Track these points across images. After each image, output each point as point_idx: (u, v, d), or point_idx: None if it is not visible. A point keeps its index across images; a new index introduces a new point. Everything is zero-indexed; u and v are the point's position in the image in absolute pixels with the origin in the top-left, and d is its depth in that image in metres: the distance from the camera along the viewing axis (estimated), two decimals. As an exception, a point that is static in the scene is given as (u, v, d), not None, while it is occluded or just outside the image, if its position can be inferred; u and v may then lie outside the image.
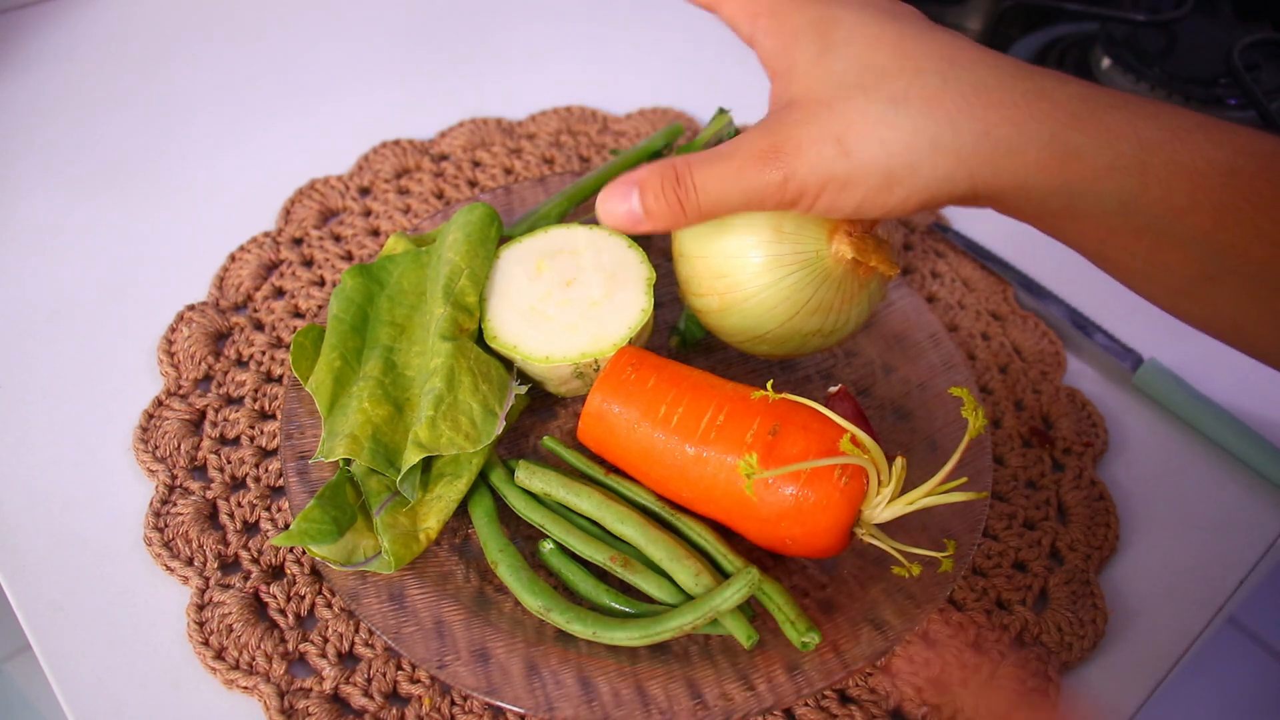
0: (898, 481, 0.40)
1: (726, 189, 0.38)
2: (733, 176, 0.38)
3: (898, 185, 0.37)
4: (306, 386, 0.46)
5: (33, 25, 0.71)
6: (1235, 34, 0.71)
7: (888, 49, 0.37)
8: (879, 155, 0.36)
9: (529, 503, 0.44)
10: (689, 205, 0.39)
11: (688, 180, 0.39)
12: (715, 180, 0.38)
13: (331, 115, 0.67)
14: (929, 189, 0.37)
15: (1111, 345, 0.56)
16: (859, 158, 0.36)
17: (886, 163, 0.36)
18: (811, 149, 0.37)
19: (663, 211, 0.40)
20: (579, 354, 0.46)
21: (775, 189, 0.38)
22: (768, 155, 0.37)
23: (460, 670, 0.39)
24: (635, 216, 0.40)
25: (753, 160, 0.38)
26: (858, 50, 0.37)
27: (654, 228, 0.40)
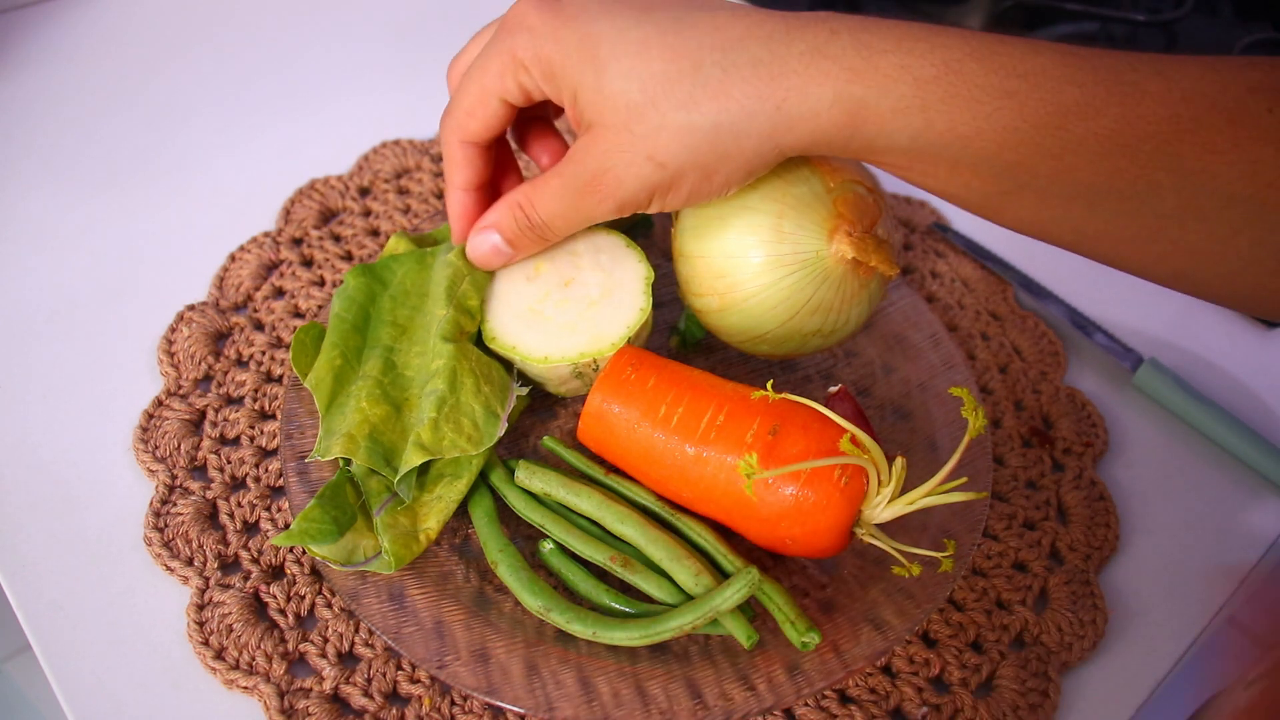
0: (898, 481, 0.40)
1: (569, 217, 0.43)
2: (570, 208, 0.42)
3: (715, 174, 0.40)
4: (306, 383, 0.46)
5: (33, 25, 0.71)
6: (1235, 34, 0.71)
7: (657, 52, 0.38)
8: (690, 158, 0.39)
9: (529, 503, 0.44)
10: (544, 231, 0.44)
11: (533, 213, 0.44)
12: (557, 213, 0.43)
13: (331, 115, 0.67)
14: (745, 166, 0.39)
15: (1111, 345, 0.56)
16: (674, 166, 0.39)
17: (699, 160, 0.39)
18: (629, 174, 0.40)
19: (522, 240, 0.45)
20: (578, 354, 0.46)
21: (613, 213, 0.42)
22: (592, 187, 0.41)
23: (460, 670, 0.39)
24: (502, 252, 0.46)
25: (582, 193, 0.41)
26: (629, 63, 0.38)
27: (521, 254, 0.47)
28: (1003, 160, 0.36)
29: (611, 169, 0.40)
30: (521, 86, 0.41)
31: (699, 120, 0.38)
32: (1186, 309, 0.60)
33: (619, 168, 0.40)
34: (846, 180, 0.45)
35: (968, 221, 0.63)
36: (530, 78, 0.41)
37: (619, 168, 0.40)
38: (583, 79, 0.39)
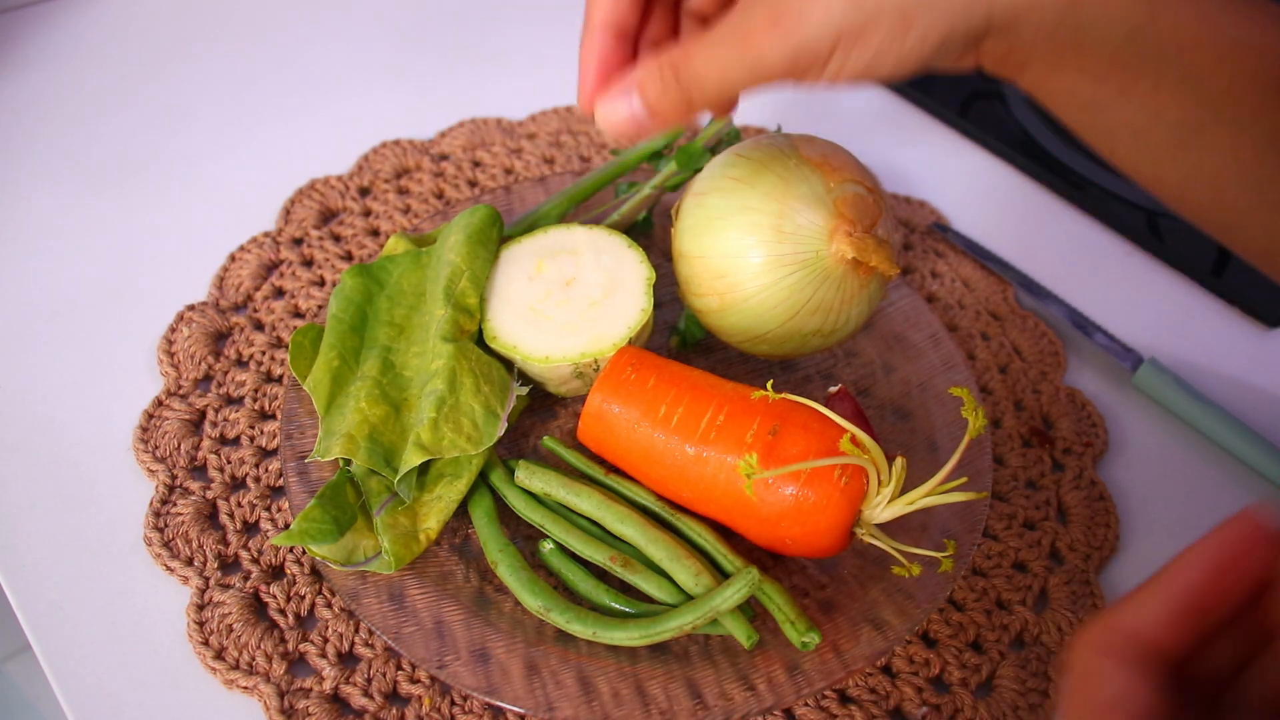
0: (898, 481, 0.40)
1: (730, 71, 0.35)
2: (735, 57, 0.35)
3: (915, 22, 0.33)
4: (304, 385, 0.46)
5: (33, 25, 0.71)
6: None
7: None
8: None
9: (529, 503, 0.44)
10: (695, 94, 0.36)
11: (687, 70, 0.36)
12: (717, 65, 0.35)
13: (331, 115, 0.67)
14: (947, 21, 0.34)
15: (1111, 345, 0.56)
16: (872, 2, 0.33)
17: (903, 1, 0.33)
18: (818, 8, 0.33)
19: (667, 106, 0.37)
20: (579, 354, 0.46)
21: (785, 62, 0.34)
22: (769, 28, 0.34)
23: (460, 670, 0.39)
24: (638, 118, 0.38)
25: (754, 36, 0.34)
26: None
27: (660, 126, 0.38)
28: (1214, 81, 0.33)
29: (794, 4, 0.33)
30: None
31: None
32: (1186, 309, 0.60)
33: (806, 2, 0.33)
34: (846, 180, 0.45)
35: (968, 222, 0.63)
36: None
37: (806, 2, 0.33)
38: None
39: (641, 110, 0.37)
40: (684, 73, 0.36)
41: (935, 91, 0.73)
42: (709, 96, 0.36)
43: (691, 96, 0.36)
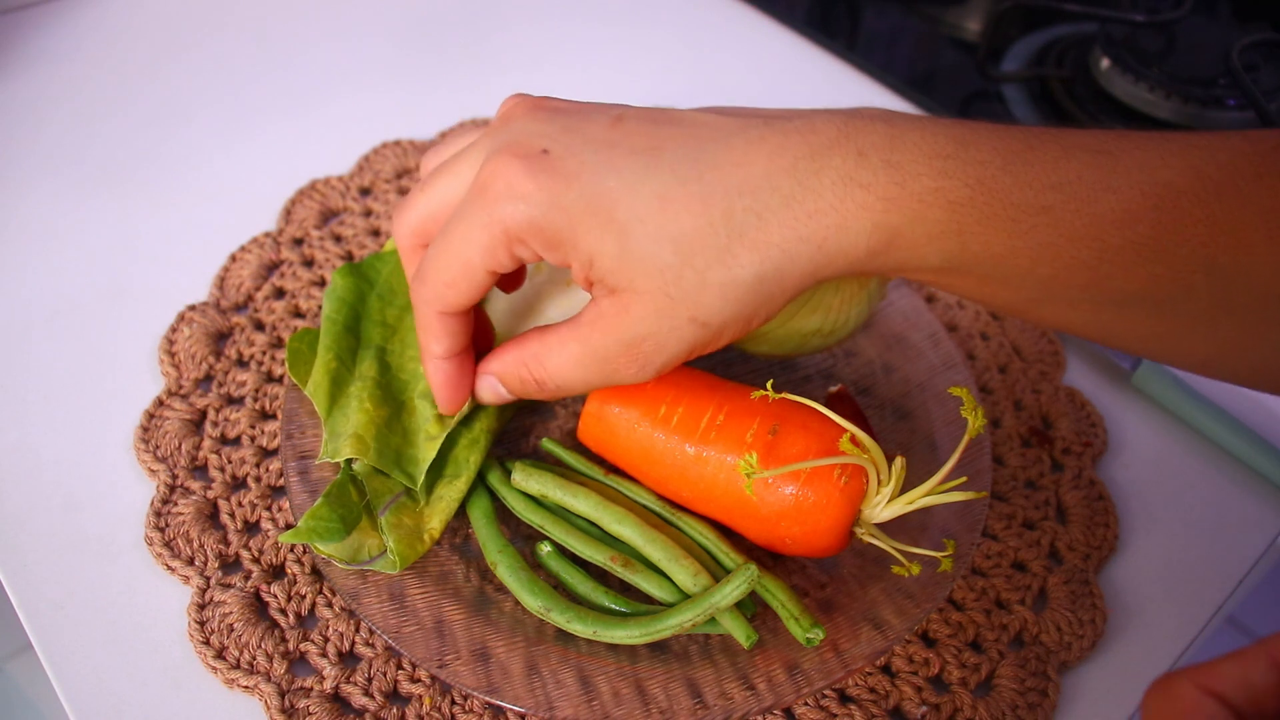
0: (897, 481, 0.40)
1: (586, 381, 0.39)
2: (594, 375, 0.38)
3: (756, 317, 0.37)
4: (305, 390, 0.46)
5: (33, 25, 0.71)
6: (1234, 34, 0.71)
7: (682, 205, 0.35)
8: (733, 310, 0.36)
9: (528, 504, 0.44)
10: (552, 389, 0.40)
11: (547, 381, 0.40)
12: (576, 380, 0.39)
13: (331, 115, 0.67)
14: (784, 303, 0.37)
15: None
16: (718, 321, 0.36)
17: (742, 311, 0.36)
18: (671, 339, 0.36)
19: (527, 393, 0.41)
20: (579, 354, 0.46)
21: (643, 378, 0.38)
22: (627, 356, 0.37)
23: (460, 669, 0.39)
24: (502, 396, 0.42)
25: (611, 361, 0.37)
26: (654, 223, 0.35)
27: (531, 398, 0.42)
28: (1035, 275, 0.35)
29: (651, 335, 0.36)
30: (515, 257, 0.37)
31: (741, 274, 0.35)
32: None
33: (660, 334, 0.36)
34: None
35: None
36: (527, 248, 0.36)
37: (660, 334, 0.36)
38: (601, 246, 0.35)
39: (505, 393, 0.42)
40: (540, 376, 0.40)
41: (935, 91, 0.73)
42: (562, 393, 0.40)
43: (548, 391, 0.40)
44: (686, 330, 0.36)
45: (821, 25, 0.80)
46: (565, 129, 0.36)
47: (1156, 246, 0.33)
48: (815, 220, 0.35)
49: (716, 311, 0.36)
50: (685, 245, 0.35)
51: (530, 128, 0.37)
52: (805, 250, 0.35)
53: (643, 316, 0.36)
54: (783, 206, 0.35)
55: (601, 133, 0.36)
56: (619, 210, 0.35)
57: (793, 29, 0.79)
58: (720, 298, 0.35)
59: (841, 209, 0.35)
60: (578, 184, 0.35)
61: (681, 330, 0.36)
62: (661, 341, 0.37)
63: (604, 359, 0.38)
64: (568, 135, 0.36)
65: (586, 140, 0.36)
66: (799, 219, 0.35)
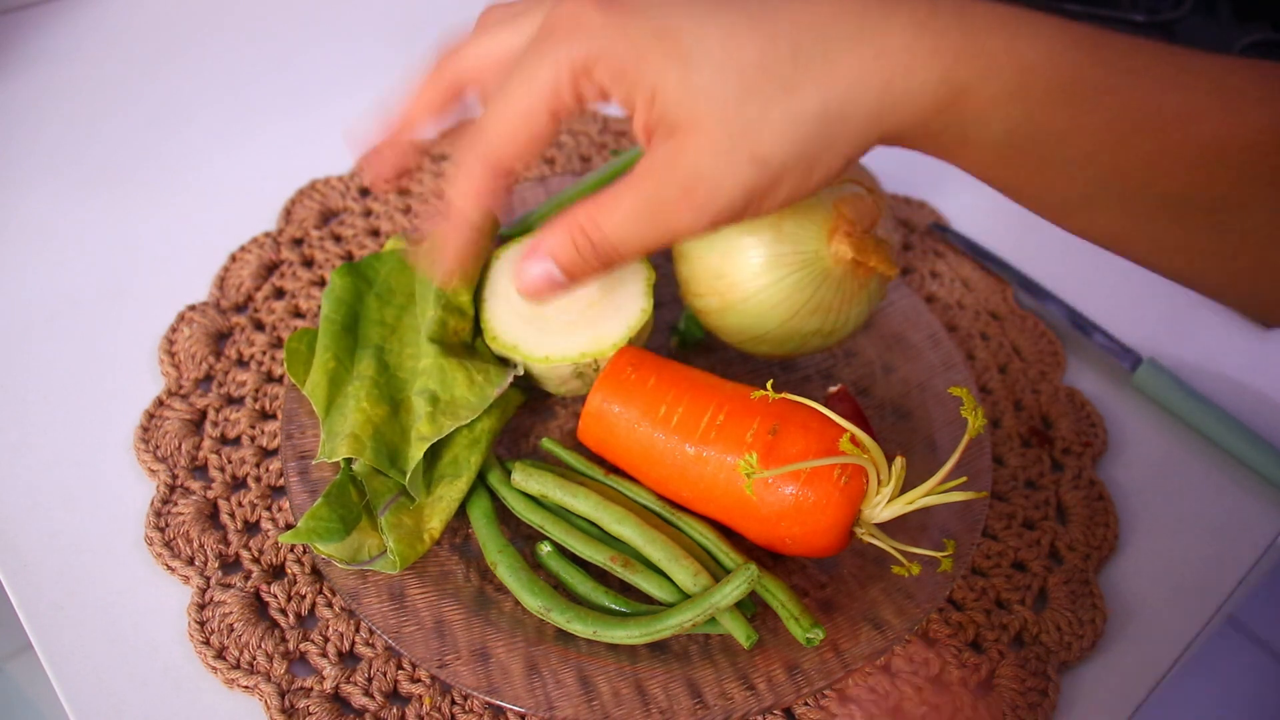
0: (897, 481, 0.40)
1: (646, 240, 0.37)
2: (649, 228, 0.36)
3: (817, 166, 0.36)
4: (304, 390, 0.46)
5: (33, 25, 0.71)
6: (1234, 34, 0.71)
7: (748, 37, 0.34)
8: (796, 150, 0.35)
9: (528, 504, 0.44)
10: (611, 258, 0.38)
11: (599, 237, 0.37)
12: (632, 234, 0.37)
13: (331, 115, 0.67)
14: (846, 153, 0.36)
15: (1111, 345, 0.56)
16: (778, 160, 0.35)
17: (805, 150, 0.35)
18: (728, 178, 0.35)
19: (583, 269, 0.38)
20: (579, 354, 0.46)
21: (702, 227, 0.36)
22: (684, 200, 0.35)
23: (461, 669, 0.39)
24: (555, 280, 0.38)
25: (669, 209, 0.36)
26: (719, 54, 0.34)
27: (578, 285, 0.39)
28: (1096, 162, 0.34)
29: (708, 175, 0.35)
30: (579, 96, 0.36)
31: (805, 106, 0.34)
32: (1186, 309, 0.60)
33: (717, 173, 0.35)
34: (846, 180, 0.45)
35: (968, 222, 0.63)
36: (591, 84, 0.36)
37: (717, 173, 0.35)
38: (665, 75, 0.34)
39: (559, 275, 0.38)
40: (597, 239, 0.37)
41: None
42: (625, 258, 0.38)
43: (608, 259, 0.38)
44: (745, 170, 0.35)
45: (821, 25, 0.80)
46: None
47: (1218, 150, 0.33)
48: (883, 60, 0.34)
49: (779, 148, 0.34)
50: (749, 76, 0.34)
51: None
52: (872, 88, 0.34)
53: (701, 153, 0.35)
54: (851, 43, 0.34)
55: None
56: (685, 40, 0.34)
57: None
58: (782, 132, 0.34)
59: (911, 51, 0.34)
60: (645, 17, 0.35)
61: (740, 169, 0.35)
62: (719, 181, 0.35)
63: (660, 206, 0.36)
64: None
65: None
66: (867, 57, 0.34)
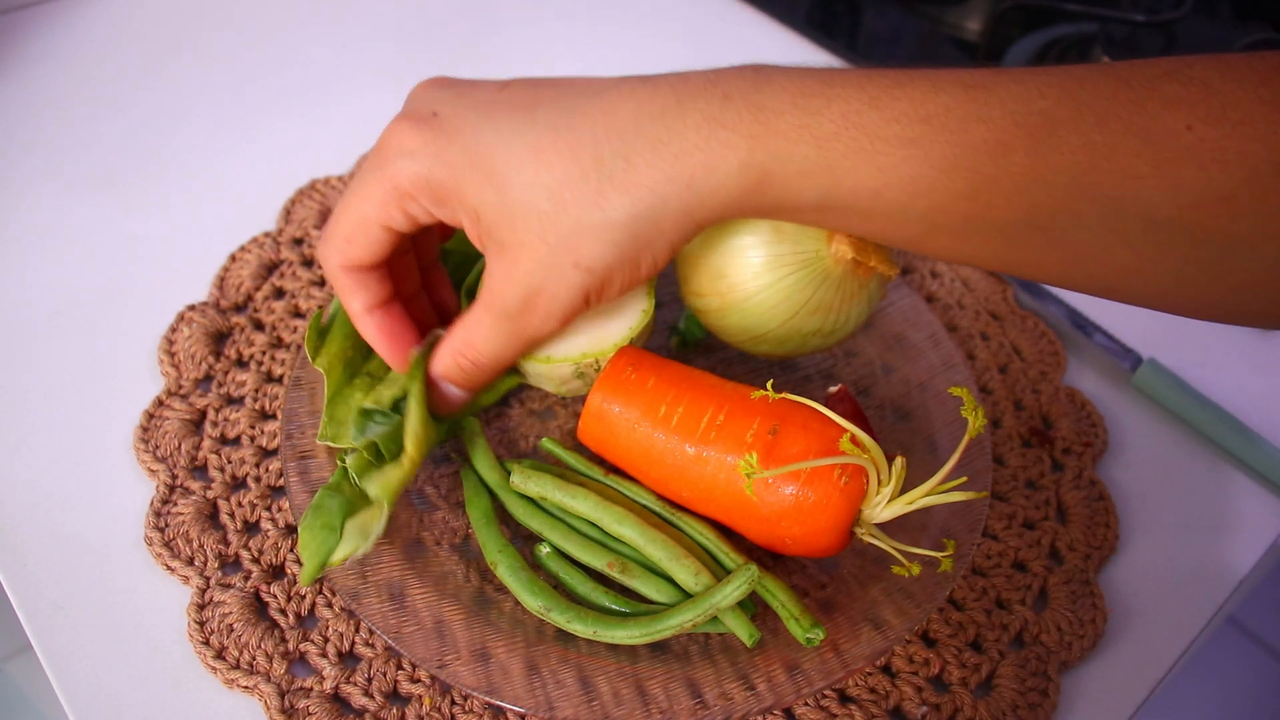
0: (897, 481, 0.40)
1: (512, 347, 0.42)
2: (510, 338, 0.41)
3: (642, 262, 0.38)
4: (315, 363, 0.46)
5: (33, 25, 0.71)
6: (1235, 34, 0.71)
7: (553, 155, 0.36)
8: (615, 254, 0.37)
9: (528, 508, 0.44)
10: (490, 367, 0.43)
11: (477, 358, 0.42)
12: (499, 348, 0.41)
13: (331, 115, 0.67)
14: (668, 246, 0.38)
15: (1111, 345, 0.56)
16: (602, 266, 0.38)
17: (624, 254, 0.38)
18: (561, 287, 0.38)
19: (474, 380, 0.43)
20: (580, 354, 0.46)
21: (555, 330, 0.41)
22: (528, 311, 0.39)
23: (460, 670, 0.39)
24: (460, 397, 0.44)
25: (518, 320, 0.40)
26: (530, 173, 0.37)
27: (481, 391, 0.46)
28: (914, 208, 0.35)
29: (542, 287, 0.38)
30: (408, 214, 0.39)
31: (614, 215, 0.36)
32: (1186, 309, 0.60)
33: (550, 283, 0.38)
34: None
35: (967, 221, 0.63)
36: (418, 205, 0.39)
37: (550, 283, 0.38)
38: (483, 198, 0.37)
39: (459, 392, 0.44)
40: (473, 358, 0.42)
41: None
42: (503, 366, 0.43)
43: (488, 369, 0.43)
44: (573, 277, 0.38)
45: (822, 25, 0.80)
46: (455, 95, 0.39)
47: (1035, 175, 0.33)
48: (682, 161, 0.36)
49: (597, 256, 0.37)
50: (558, 192, 0.36)
51: (425, 96, 0.40)
52: (674, 190, 0.36)
53: (531, 269, 0.38)
54: (650, 150, 0.36)
55: (487, 95, 0.39)
56: (497, 162, 0.37)
57: (793, 29, 0.79)
58: (597, 241, 0.37)
59: (707, 148, 0.36)
60: (460, 139, 0.37)
61: (568, 277, 0.38)
62: (554, 291, 0.38)
63: (511, 317, 0.40)
64: (457, 100, 0.39)
65: (472, 103, 0.39)
66: (666, 160, 0.36)
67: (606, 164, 0.36)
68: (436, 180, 0.38)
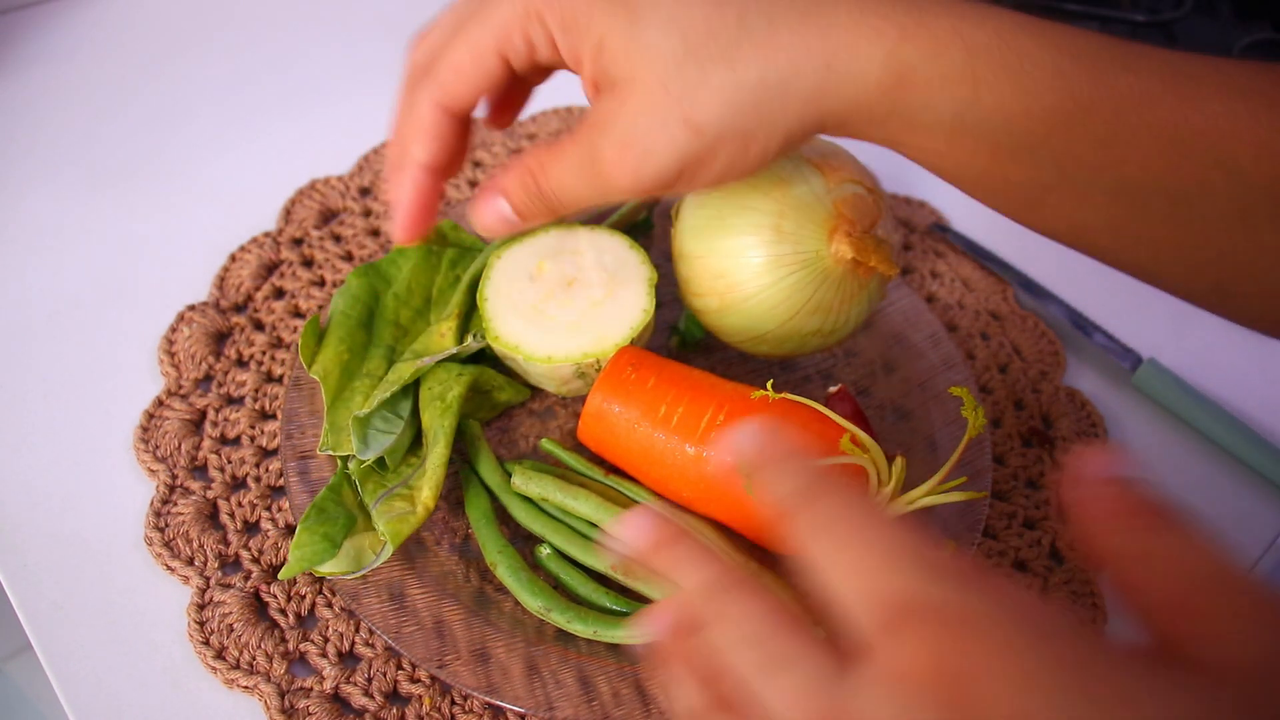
0: (898, 481, 0.40)
1: (581, 192, 0.38)
2: (585, 182, 0.37)
3: (753, 142, 0.35)
4: (311, 371, 0.46)
5: (33, 25, 0.71)
6: (1235, 34, 0.71)
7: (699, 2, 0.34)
8: (731, 121, 0.35)
9: (529, 510, 0.44)
10: (554, 204, 0.39)
11: (545, 183, 0.38)
12: (570, 185, 0.38)
13: (331, 115, 0.67)
14: (784, 133, 0.36)
15: (1111, 345, 0.56)
16: (712, 131, 0.35)
17: (739, 124, 0.35)
18: (660, 139, 0.35)
19: (532, 212, 0.40)
20: (581, 354, 0.46)
21: (633, 188, 0.37)
22: (617, 159, 0.36)
23: (460, 670, 0.39)
24: (508, 220, 0.40)
25: (603, 165, 0.36)
26: (668, 12, 0.34)
27: (528, 225, 0.41)
28: (1049, 147, 0.34)
29: (641, 135, 0.35)
30: (529, 41, 0.36)
31: (743, 75, 0.34)
32: (1186, 309, 0.60)
33: (651, 134, 0.35)
34: (846, 180, 0.45)
35: (968, 221, 0.63)
36: (541, 30, 0.36)
37: (651, 134, 0.35)
38: (611, 26, 0.35)
39: (510, 213, 0.40)
40: (543, 184, 0.39)
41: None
42: (568, 208, 0.39)
43: (552, 205, 0.39)
44: (679, 134, 0.35)
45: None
46: None
47: (1175, 135, 0.33)
48: (827, 35, 0.34)
49: (714, 116, 0.34)
50: (693, 35, 0.34)
51: None
52: (811, 65, 0.34)
53: (638, 110, 0.35)
54: (797, 17, 0.34)
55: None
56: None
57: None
58: (719, 99, 0.34)
59: (855, 29, 0.34)
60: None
61: (674, 132, 0.35)
62: (651, 143, 0.35)
63: (598, 161, 0.36)
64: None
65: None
66: (810, 31, 0.34)
67: (749, 22, 0.34)
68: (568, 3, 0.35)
